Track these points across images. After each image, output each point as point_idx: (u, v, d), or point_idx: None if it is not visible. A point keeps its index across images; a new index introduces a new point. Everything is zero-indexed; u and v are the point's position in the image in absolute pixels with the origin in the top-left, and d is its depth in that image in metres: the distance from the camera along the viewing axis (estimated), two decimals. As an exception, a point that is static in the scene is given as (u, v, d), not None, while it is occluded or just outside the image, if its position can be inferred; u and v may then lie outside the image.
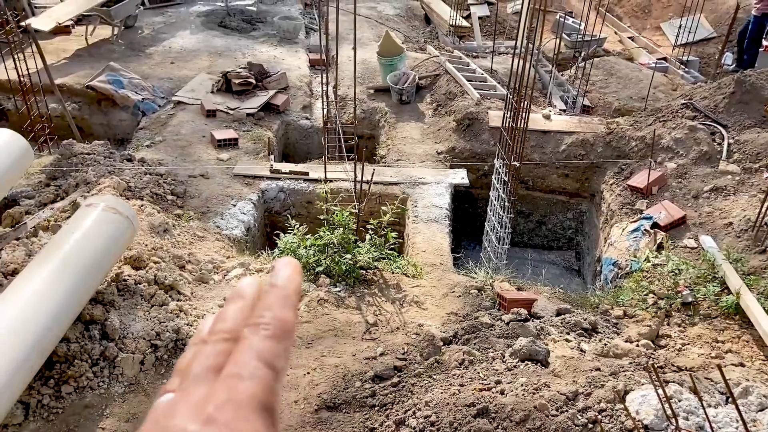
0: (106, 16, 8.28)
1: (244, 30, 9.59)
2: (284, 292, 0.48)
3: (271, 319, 0.46)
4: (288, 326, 0.47)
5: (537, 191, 6.98)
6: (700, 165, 5.52)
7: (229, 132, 6.71)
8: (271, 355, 0.44)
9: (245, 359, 0.44)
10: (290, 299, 0.48)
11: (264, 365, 0.44)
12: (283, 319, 0.46)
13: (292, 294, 0.48)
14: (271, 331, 0.45)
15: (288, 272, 0.50)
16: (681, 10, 9.18)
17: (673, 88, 7.91)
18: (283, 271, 0.50)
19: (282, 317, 0.46)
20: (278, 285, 0.49)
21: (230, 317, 0.48)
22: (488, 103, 7.35)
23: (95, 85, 7.21)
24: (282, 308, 0.47)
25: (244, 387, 0.42)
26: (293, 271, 0.50)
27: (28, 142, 3.83)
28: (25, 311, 2.66)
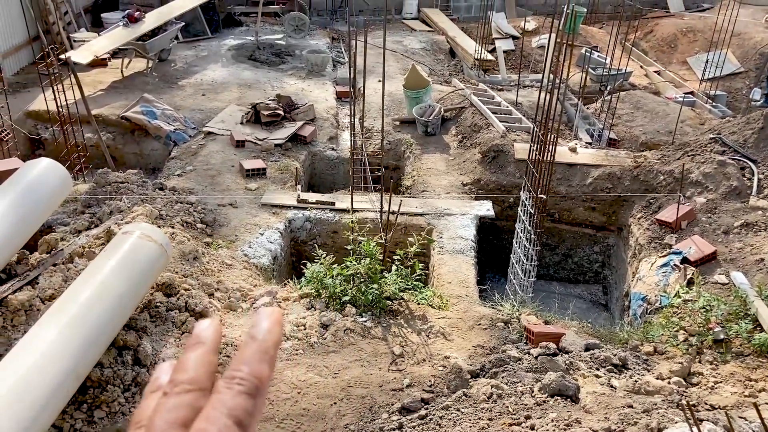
0: (141, 49, 8.56)
1: (273, 63, 9.82)
2: (263, 346, 0.47)
3: (247, 374, 0.45)
4: (263, 383, 0.45)
5: (563, 224, 6.95)
6: (729, 200, 5.47)
7: (257, 162, 6.83)
8: (243, 413, 0.43)
9: (216, 415, 0.42)
10: (268, 354, 0.47)
11: (234, 423, 0.42)
12: (258, 376, 0.45)
13: (271, 348, 0.47)
14: (246, 387, 0.44)
15: (268, 324, 0.48)
16: (707, 45, 9.19)
17: (700, 122, 7.88)
18: (264, 323, 0.48)
19: (258, 373, 0.45)
20: (257, 338, 0.47)
21: (191, 366, 0.46)
22: (513, 135, 7.39)
23: (129, 116, 7.42)
24: (259, 363, 0.46)
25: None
26: (274, 323, 0.48)
27: (67, 171, 3.96)
28: (62, 336, 2.72)
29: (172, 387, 0.46)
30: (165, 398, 0.45)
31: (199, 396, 0.45)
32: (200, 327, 0.50)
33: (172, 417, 0.43)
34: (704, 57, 9.21)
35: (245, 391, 0.44)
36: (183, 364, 0.47)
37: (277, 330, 0.48)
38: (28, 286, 3.58)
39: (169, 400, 0.45)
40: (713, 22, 9.19)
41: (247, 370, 0.45)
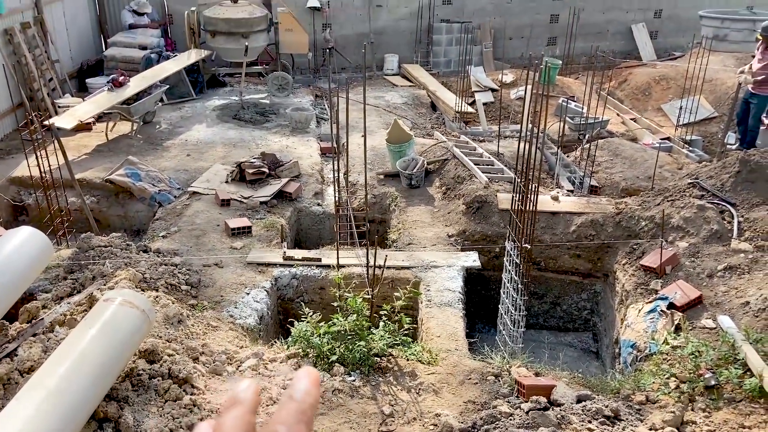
0: (126, 113, 8.66)
1: (257, 122, 9.96)
2: (300, 407, 0.47)
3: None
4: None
5: (550, 272, 6.97)
6: (711, 244, 5.52)
7: (242, 220, 6.84)
8: None
9: None
10: (305, 415, 0.47)
11: None
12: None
13: (308, 409, 0.48)
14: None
15: (305, 385, 0.49)
16: (680, 92, 9.46)
17: (678, 167, 8.03)
18: (301, 383, 0.49)
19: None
20: (295, 399, 0.48)
21: (230, 427, 0.47)
22: (496, 185, 7.48)
23: (114, 179, 7.44)
24: (297, 423, 0.46)
25: None
26: (311, 384, 0.49)
27: (48, 240, 3.93)
28: (40, 412, 2.65)
29: None
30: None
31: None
32: (239, 387, 0.50)
33: None
34: (678, 103, 9.47)
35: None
36: (222, 426, 0.47)
37: (315, 392, 0.49)
38: (7, 359, 3.51)
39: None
40: (685, 70, 9.50)
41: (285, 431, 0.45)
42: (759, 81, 8.30)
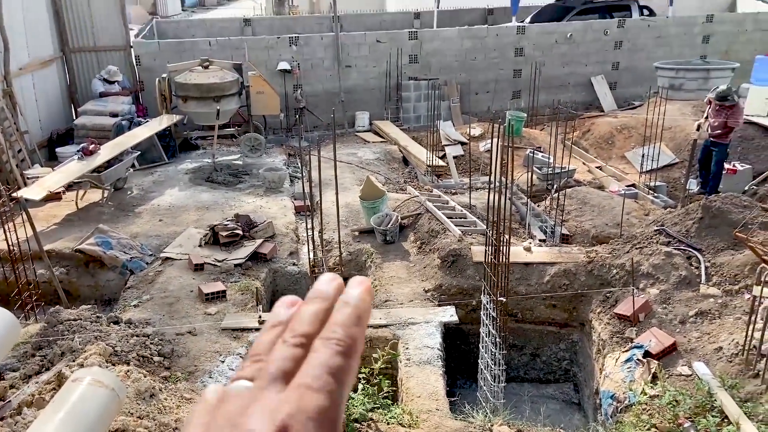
0: (96, 181, 8.63)
1: (230, 183, 9.99)
2: (356, 312, 0.48)
3: (343, 335, 0.46)
4: (357, 345, 0.47)
5: (527, 323, 6.98)
6: (681, 289, 5.62)
7: (216, 285, 6.77)
8: (340, 371, 0.45)
9: (317, 373, 0.44)
10: (361, 319, 0.48)
11: (334, 380, 0.44)
12: (353, 337, 0.47)
13: (363, 314, 0.48)
14: (342, 347, 0.46)
15: (360, 293, 0.50)
16: (642, 140, 9.77)
17: (645, 213, 8.22)
18: (355, 291, 0.50)
19: (353, 335, 0.47)
20: (350, 303, 0.49)
21: (308, 320, 0.48)
22: (470, 238, 7.56)
23: (84, 248, 7.35)
24: (353, 326, 0.47)
25: (314, 399, 0.43)
26: (365, 292, 0.50)
27: (16, 319, 3.84)
28: (4, 505, 2.53)
29: (287, 334, 0.47)
30: (280, 344, 0.47)
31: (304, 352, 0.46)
32: (323, 280, 0.51)
33: (283, 366, 0.45)
34: (640, 151, 9.76)
35: (342, 351, 0.45)
36: (302, 315, 0.48)
37: (368, 299, 0.49)
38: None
39: (282, 348, 0.46)
40: (644, 119, 9.84)
41: (342, 332, 0.46)
42: (717, 134, 8.66)
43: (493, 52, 13.40)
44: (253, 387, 0.46)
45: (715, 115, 8.65)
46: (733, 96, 8.52)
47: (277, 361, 0.46)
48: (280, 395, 0.44)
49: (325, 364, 0.45)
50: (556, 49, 13.56)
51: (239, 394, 0.46)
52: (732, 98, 8.51)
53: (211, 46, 12.28)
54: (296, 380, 0.44)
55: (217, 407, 0.45)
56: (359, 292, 0.50)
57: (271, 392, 0.44)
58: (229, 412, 0.45)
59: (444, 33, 13.45)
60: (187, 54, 11.92)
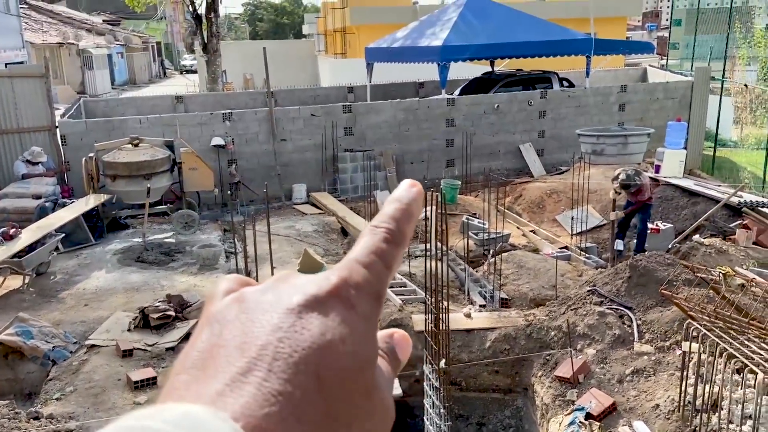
0: (17, 266, 8.18)
1: (162, 262, 9.67)
2: (406, 207, 0.49)
3: (392, 226, 0.47)
4: (404, 237, 0.48)
5: (471, 391, 6.90)
6: (616, 348, 5.72)
7: (147, 371, 6.41)
8: (386, 254, 0.46)
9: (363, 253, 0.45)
10: (411, 215, 0.49)
11: (380, 260, 0.45)
12: (401, 230, 0.48)
13: (414, 210, 0.49)
14: (390, 235, 0.47)
15: (412, 194, 0.50)
16: (571, 203, 10.16)
17: (578, 274, 8.44)
18: (408, 192, 0.50)
19: (401, 228, 0.48)
20: (401, 200, 0.49)
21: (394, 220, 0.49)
22: (411, 307, 7.52)
23: (3, 339, 6.86)
24: (402, 220, 0.48)
25: (362, 272, 0.44)
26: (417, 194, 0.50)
27: None
28: None
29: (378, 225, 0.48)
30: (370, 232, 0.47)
31: None
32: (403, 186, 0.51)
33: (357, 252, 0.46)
34: (570, 214, 10.14)
35: (389, 239, 0.46)
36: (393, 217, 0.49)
37: (420, 199, 0.50)
38: None
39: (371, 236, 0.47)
40: (571, 183, 10.28)
41: (392, 223, 0.47)
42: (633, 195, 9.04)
43: (425, 123, 13.85)
44: None
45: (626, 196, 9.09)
46: (635, 181, 8.88)
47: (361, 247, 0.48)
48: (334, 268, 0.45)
49: (374, 246, 0.46)
50: (485, 119, 14.14)
51: None
52: (635, 184, 8.88)
53: (142, 123, 12.16)
54: (349, 256, 0.46)
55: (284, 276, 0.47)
56: (412, 194, 0.50)
57: None
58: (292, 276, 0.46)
59: (377, 106, 13.84)
60: (116, 132, 11.74)
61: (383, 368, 0.45)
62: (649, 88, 15.74)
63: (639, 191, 8.90)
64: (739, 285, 5.70)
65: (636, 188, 8.85)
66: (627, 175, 8.89)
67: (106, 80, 34.76)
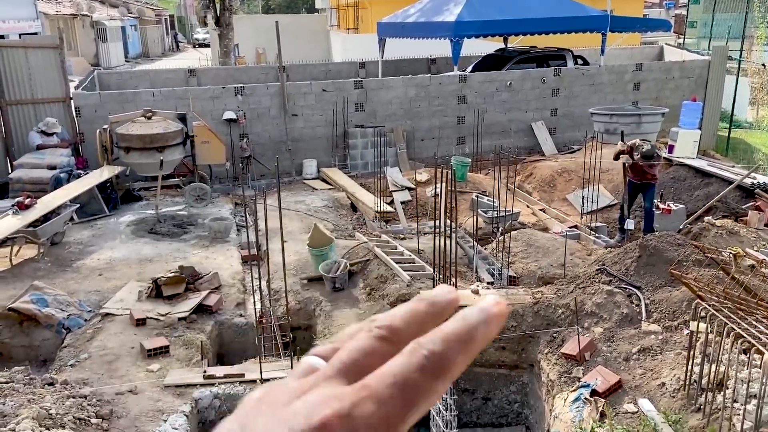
0: (32, 236, 8.30)
1: (175, 234, 9.77)
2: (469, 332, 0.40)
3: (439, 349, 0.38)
4: (451, 369, 0.39)
5: (478, 366, 6.98)
6: (624, 327, 5.75)
7: (159, 340, 6.53)
8: (416, 389, 0.37)
9: (387, 381, 0.37)
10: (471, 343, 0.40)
11: (402, 396, 0.37)
12: (449, 358, 0.39)
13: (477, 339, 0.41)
14: (431, 363, 0.38)
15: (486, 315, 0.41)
16: (582, 183, 10.13)
17: (588, 253, 8.45)
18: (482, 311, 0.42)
19: (450, 356, 0.39)
20: (468, 320, 0.40)
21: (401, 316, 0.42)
22: (419, 283, 7.57)
23: (18, 307, 7.00)
24: (456, 345, 0.39)
25: (369, 408, 0.36)
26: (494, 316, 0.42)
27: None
28: None
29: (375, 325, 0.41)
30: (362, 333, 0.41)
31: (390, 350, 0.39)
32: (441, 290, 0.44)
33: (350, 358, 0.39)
34: (581, 193, 10.11)
35: (428, 367, 0.38)
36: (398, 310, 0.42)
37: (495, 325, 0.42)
38: None
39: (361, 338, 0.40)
40: (583, 162, 10.23)
41: (441, 346, 0.38)
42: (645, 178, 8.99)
43: (437, 100, 13.77)
44: (319, 372, 0.40)
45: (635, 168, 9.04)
46: (657, 153, 8.95)
47: (351, 352, 0.40)
48: (337, 390, 0.38)
49: (401, 374, 0.37)
50: (497, 96, 14.04)
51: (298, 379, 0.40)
52: (657, 156, 8.93)
53: (155, 96, 12.19)
54: (363, 380, 0.38)
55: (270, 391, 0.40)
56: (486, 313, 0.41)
57: (331, 384, 0.38)
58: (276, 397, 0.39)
59: (389, 82, 13.76)
60: (129, 105, 11.79)
61: None
62: (665, 67, 15.53)
63: (652, 167, 8.88)
64: (750, 266, 5.70)
65: (657, 161, 8.91)
66: (651, 145, 8.94)
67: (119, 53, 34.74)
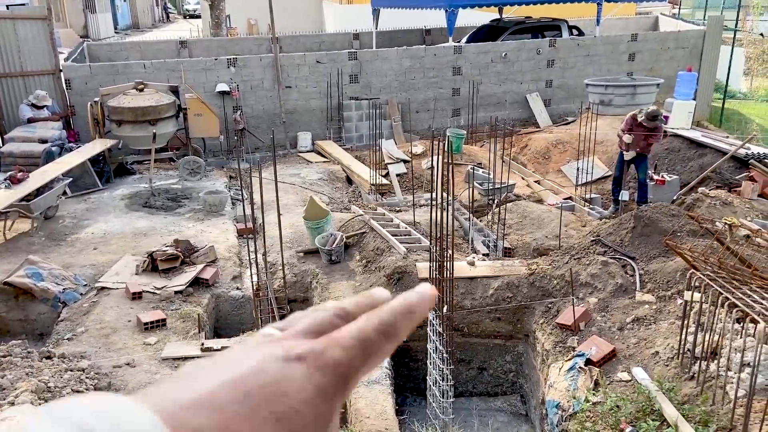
0: (25, 210, 8.24)
1: (169, 208, 9.73)
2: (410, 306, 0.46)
3: (388, 318, 0.45)
4: (398, 334, 0.45)
5: (473, 337, 7.05)
6: (618, 297, 5.80)
7: (156, 313, 6.55)
8: (372, 346, 0.43)
9: (348, 336, 0.43)
10: (413, 315, 0.46)
11: (361, 349, 0.43)
12: (396, 326, 0.45)
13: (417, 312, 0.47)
14: (383, 328, 0.44)
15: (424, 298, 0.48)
16: (576, 154, 10.12)
17: (582, 224, 8.48)
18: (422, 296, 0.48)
19: (397, 324, 0.45)
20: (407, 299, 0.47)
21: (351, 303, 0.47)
22: (415, 255, 7.60)
23: (13, 281, 6.99)
24: (401, 316, 0.45)
25: (336, 353, 0.42)
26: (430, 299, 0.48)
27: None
28: None
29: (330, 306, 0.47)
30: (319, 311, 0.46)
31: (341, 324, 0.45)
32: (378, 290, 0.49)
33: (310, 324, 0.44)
34: (575, 165, 10.10)
35: (381, 331, 0.44)
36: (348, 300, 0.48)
37: (428, 304, 0.47)
38: None
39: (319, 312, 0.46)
40: (578, 134, 10.19)
41: (389, 316, 0.45)
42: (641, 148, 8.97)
43: (431, 72, 13.65)
44: (284, 333, 0.45)
45: (636, 130, 9.00)
46: (661, 116, 8.93)
47: (310, 319, 0.46)
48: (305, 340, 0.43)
49: (360, 333, 0.43)
50: (492, 67, 13.93)
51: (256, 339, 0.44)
52: (661, 118, 8.91)
53: (146, 68, 12.02)
54: (325, 336, 0.44)
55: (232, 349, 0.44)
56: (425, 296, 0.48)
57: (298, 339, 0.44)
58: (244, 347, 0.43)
59: (383, 53, 13.61)
60: (120, 77, 11.62)
61: None
62: (660, 38, 15.41)
63: (656, 128, 8.88)
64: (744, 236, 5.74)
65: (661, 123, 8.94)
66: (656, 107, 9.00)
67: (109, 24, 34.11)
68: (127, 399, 0.36)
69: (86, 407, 0.35)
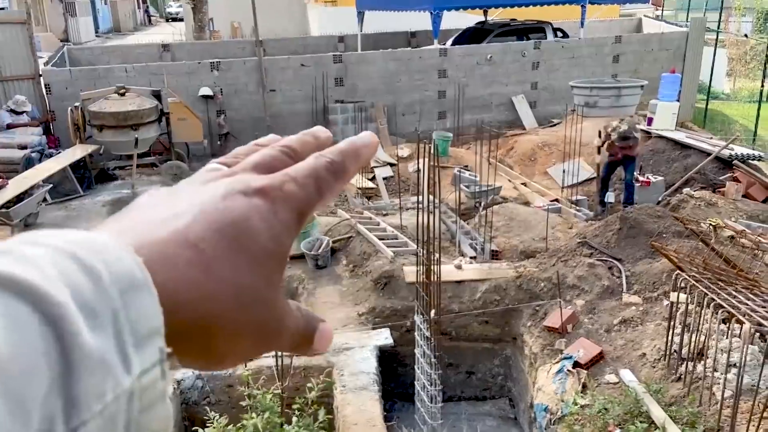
0: (5, 218, 8.10)
1: (153, 214, 9.61)
2: (355, 147, 0.47)
3: (337, 158, 0.45)
4: (347, 173, 0.46)
5: (461, 341, 7.02)
6: (605, 299, 5.80)
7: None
8: (324, 182, 0.44)
9: (300, 172, 0.43)
10: (359, 155, 0.47)
11: (315, 185, 0.43)
12: (345, 165, 0.46)
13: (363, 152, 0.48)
14: (333, 167, 0.45)
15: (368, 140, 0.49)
16: (562, 156, 10.15)
17: (569, 226, 8.49)
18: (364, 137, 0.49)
19: (346, 163, 0.46)
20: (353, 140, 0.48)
21: (297, 140, 0.47)
22: (402, 259, 7.56)
23: (-8, 290, 6.85)
24: (349, 156, 0.46)
25: (293, 187, 0.42)
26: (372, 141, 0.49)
27: None
28: None
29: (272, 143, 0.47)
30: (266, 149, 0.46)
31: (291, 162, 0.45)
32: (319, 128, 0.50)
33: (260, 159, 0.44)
34: (561, 167, 10.13)
35: (331, 170, 0.45)
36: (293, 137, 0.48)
37: (373, 148, 0.49)
38: None
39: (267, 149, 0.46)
40: (563, 136, 10.23)
41: (338, 158, 0.46)
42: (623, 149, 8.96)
43: (417, 74, 13.64)
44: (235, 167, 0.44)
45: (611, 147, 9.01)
46: (633, 135, 8.84)
47: (258, 156, 0.45)
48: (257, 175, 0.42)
49: (313, 170, 0.44)
50: (478, 70, 13.94)
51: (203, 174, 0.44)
52: (634, 137, 8.83)
53: (128, 72, 11.89)
54: (279, 172, 0.43)
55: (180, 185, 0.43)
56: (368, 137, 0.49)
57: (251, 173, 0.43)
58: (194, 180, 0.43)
59: (369, 56, 13.58)
60: (101, 81, 11.48)
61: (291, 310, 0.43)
62: (644, 39, 15.53)
63: (631, 147, 8.87)
64: (729, 237, 5.76)
65: (634, 142, 8.84)
66: (629, 125, 8.88)
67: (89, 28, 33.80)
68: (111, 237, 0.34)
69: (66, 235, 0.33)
